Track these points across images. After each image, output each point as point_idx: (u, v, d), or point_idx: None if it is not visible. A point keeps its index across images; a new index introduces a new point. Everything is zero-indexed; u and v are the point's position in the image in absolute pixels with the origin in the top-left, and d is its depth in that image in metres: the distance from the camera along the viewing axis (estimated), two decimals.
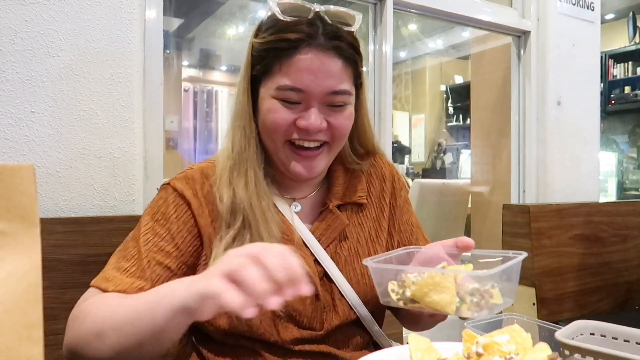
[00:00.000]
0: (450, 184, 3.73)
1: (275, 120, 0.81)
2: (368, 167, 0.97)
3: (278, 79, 0.80)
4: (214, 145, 5.58)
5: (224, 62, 5.83)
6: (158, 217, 0.83)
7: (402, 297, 0.70)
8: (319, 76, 0.79)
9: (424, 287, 0.66)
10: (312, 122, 0.80)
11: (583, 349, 0.62)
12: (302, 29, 0.79)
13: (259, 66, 0.83)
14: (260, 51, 0.82)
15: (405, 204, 0.99)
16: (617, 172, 5.10)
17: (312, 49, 0.78)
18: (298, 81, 0.79)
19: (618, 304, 1.92)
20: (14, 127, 1.12)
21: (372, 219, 0.94)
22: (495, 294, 0.66)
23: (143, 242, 0.80)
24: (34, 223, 0.47)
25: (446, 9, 1.91)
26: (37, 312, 0.45)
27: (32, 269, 0.46)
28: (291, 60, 0.79)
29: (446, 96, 6.89)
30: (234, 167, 0.83)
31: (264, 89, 0.83)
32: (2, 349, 0.43)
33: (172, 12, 4.01)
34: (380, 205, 0.96)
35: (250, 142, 0.84)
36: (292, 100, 0.80)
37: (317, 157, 0.85)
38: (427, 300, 0.66)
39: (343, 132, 0.85)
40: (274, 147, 0.85)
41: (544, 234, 1.74)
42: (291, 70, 0.79)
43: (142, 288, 0.76)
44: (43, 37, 1.14)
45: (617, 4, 5.02)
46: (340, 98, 0.82)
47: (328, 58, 0.79)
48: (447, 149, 6.27)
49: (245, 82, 0.85)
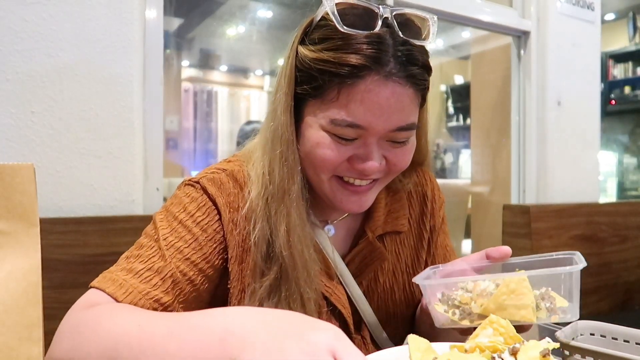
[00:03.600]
0: (450, 184, 3.73)
1: (326, 157, 0.68)
2: (409, 186, 0.87)
3: (333, 111, 0.65)
4: (214, 145, 5.58)
5: (224, 62, 5.83)
6: (184, 218, 0.70)
7: (465, 315, 0.62)
8: (386, 112, 0.65)
9: (498, 297, 0.59)
10: (371, 165, 0.67)
11: (583, 349, 0.62)
12: (369, 51, 0.63)
13: (308, 86, 0.68)
14: (312, 69, 0.67)
15: (442, 224, 0.90)
16: (617, 172, 5.10)
17: (381, 80, 0.63)
18: (360, 118, 0.65)
19: (618, 304, 1.92)
20: (14, 127, 1.12)
21: (411, 248, 0.85)
22: (557, 297, 0.61)
23: (166, 246, 0.67)
24: (34, 223, 0.47)
25: (446, 9, 1.91)
26: (37, 312, 0.45)
27: (32, 269, 0.46)
28: (353, 91, 0.64)
29: (446, 96, 6.88)
30: (272, 201, 0.70)
31: (312, 117, 0.68)
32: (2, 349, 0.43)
33: (172, 12, 4.01)
34: (420, 231, 0.86)
35: (294, 177, 0.70)
36: (348, 137, 0.67)
37: (369, 192, 0.73)
38: (503, 313, 0.58)
39: (400, 170, 0.73)
40: (318, 181, 0.72)
41: (544, 234, 1.74)
42: (352, 103, 0.64)
43: (160, 300, 0.64)
44: (43, 37, 1.14)
45: (617, 4, 5.02)
46: (405, 134, 0.69)
47: (398, 89, 0.64)
48: (447, 149, 6.27)
49: (288, 100, 0.69)
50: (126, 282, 0.63)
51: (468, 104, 2.87)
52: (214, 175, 0.74)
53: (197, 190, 0.73)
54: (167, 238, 0.68)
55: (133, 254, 0.68)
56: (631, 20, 5.00)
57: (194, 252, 0.68)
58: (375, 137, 0.67)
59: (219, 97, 5.88)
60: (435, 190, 0.90)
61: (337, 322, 0.76)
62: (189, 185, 0.74)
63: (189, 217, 0.70)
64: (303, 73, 0.68)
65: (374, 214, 0.81)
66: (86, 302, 0.63)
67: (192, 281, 0.68)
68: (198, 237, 0.69)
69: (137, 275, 0.64)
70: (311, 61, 0.67)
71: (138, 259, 0.66)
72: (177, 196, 0.73)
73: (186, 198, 0.72)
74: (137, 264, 0.66)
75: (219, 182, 0.73)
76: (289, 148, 0.70)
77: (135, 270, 0.65)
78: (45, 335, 0.46)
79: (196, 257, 0.68)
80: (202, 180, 0.73)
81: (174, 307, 0.66)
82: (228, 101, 5.94)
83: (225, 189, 0.73)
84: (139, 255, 0.67)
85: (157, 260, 0.66)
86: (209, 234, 0.70)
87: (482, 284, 0.63)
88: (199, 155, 5.33)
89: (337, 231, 0.81)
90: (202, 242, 0.69)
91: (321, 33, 0.67)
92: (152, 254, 0.67)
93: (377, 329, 0.79)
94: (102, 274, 0.67)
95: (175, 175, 4.44)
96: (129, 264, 0.66)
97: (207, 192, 0.72)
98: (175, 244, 0.68)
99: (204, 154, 5.37)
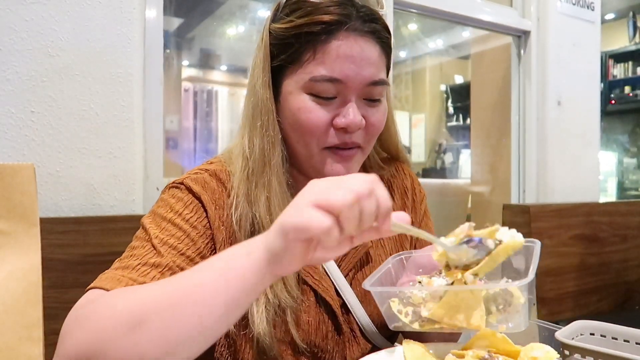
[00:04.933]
0: (450, 184, 3.73)
1: (311, 121, 0.71)
2: (389, 177, 0.90)
3: (311, 69, 0.70)
4: (214, 145, 5.58)
5: (224, 62, 5.82)
6: (172, 217, 0.70)
7: (416, 318, 0.61)
8: (360, 64, 0.69)
9: (445, 305, 0.58)
10: (352, 118, 0.70)
11: (583, 349, 0.62)
12: (337, 10, 0.69)
13: (284, 55, 0.72)
14: (286, 37, 0.71)
15: (424, 217, 0.92)
16: (617, 172, 5.10)
17: (350, 33, 0.69)
18: (337, 70, 0.69)
19: (618, 304, 1.92)
20: (14, 127, 1.12)
21: (394, 239, 0.87)
22: (514, 291, 0.59)
23: (159, 243, 0.67)
24: (34, 223, 0.47)
25: (446, 9, 1.91)
26: (37, 312, 0.45)
27: (32, 269, 0.46)
28: (327, 47, 0.69)
29: (446, 96, 6.88)
30: (252, 176, 0.72)
31: (291, 81, 0.72)
32: (2, 349, 0.43)
33: (172, 11, 4.01)
34: None
35: (275, 146, 0.73)
36: (328, 95, 0.70)
37: (354, 158, 0.75)
38: (451, 320, 0.57)
39: (377, 131, 0.76)
40: (307, 153, 0.74)
41: (544, 234, 1.74)
42: (328, 58, 0.69)
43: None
44: (43, 37, 1.14)
45: (617, 4, 5.02)
46: (379, 90, 0.73)
47: (367, 43, 0.70)
48: (447, 149, 6.27)
49: (265, 75, 0.73)
50: (124, 277, 0.62)
51: (468, 104, 2.87)
52: (197, 175, 0.76)
53: (182, 191, 0.74)
54: (158, 236, 0.67)
55: (126, 255, 0.67)
56: (631, 20, 5.00)
57: (188, 248, 0.68)
58: (352, 92, 0.71)
59: (219, 96, 5.87)
60: (415, 184, 0.93)
61: (325, 313, 0.76)
62: (174, 188, 0.75)
63: (177, 215, 0.70)
64: (278, 45, 0.73)
65: None
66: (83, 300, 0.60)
67: None
68: (190, 234, 0.69)
69: (134, 270, 0.63)
70: (285, 30, 0.72)
71: (132, 258, 0.65)
72: (163, 199, 0.74)
73: (172, 199, 0.73)
74: (132, 261, 0.65)
75: (203, 181, 0.75)
76: (269, 118, 0.73)
77: (132, 266, 0.64)
78: (45, 335, 0.46)
79: (190, 252, 0.68)
80: (185, 180, 0.74)
81: None
82: (228, 101, 5.94)
83: (209, 187, 0.74)
84: (132, 255, 0.66)
85: (153, 256, 0.65)
86: (200, 230, 0.71)
87: (435, 281, 0.62)
88: (199, 154, 5.33)
89: None
90: (194, 237, 0.70)
91: (291, 7, 0.73)
92: (146, 252, 0.66)
93: (365, 320, 0.79)
94: (99, 276, 0.65)
95: (176, 175, 4.44)
96: (123, 263, 0.65)
97: (192, 191, 0.73)
98: (168, 241, 0.67)
99: (204, 153, 5.36)
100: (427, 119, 7.02)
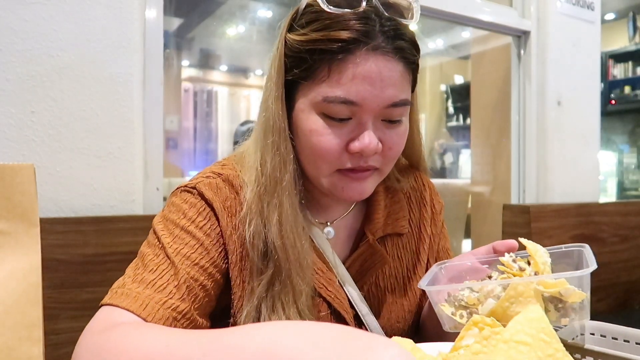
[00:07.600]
0: (450, 184, 3.73)
1: (322, 146, 0.67)
2: (408, 190, 0.86)
3: (325, 89, 0.65)
4: (214, 145, 5.58)
5: (224, 62, 5.83)
6: (185, 225, 0.68)
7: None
8: (378, 86, 0.65)
9: (504, 302, 0.58)
10: (367, 144, 0.66)
11: (583, 348, 0.62)
12: (357, 26, 0.64)
13: (298, 70, 0.67)
14: (300, 51, 0.67)
15: (442, 228, 0.89)
16: (617, 172, 5.10)
17: (370, 52, 0.64)
18: (353, 92, 0.64)
19: (618, 304, 1.92)
20: (14, 127, 1.12)
21: (412, 251, 0.84)
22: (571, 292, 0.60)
23: (172, 253, 0.65)
24: (34, 223, 0.47)
25: (446, 9, 1.91)
26: (37, 312, 0.45)
27: (32, 269, 0.46)
28: (344, 66, 0.64)
29: (446, 96, 6.88)
30: (264, 195, 0.69)
31: (304, 99, 0.68)
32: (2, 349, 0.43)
33: (172, 11, 4.01)
34: (420, 235, 0.85)
35: (287, 166, 0.69)
36: (342, 117, 0.66)
37: (369, 179, 0.71)
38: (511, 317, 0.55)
39: (396, 154, 0.72)
40: (317, 174, 0.71)
41: (544, 234, 1.74)
42: (344, 79, 0.64)
43: (177, 308, 0.62)
44: (43, 38, 1.14)
45: (617, 4, 5.02)
46: (400, 110, 0.68)
47: (388, 63, 0.65)
48: (447, 149, 6.27)
49: (278, 89, 0.69)
50: (140, 294, 0.60)
51: (468, 104, 2.86)
52: (210, 180, 0.73)
53: (195, 196, 0.71)
54: (172, 246, 0.66)
55: (139, 265, 0.65)
56: (631, 20, 5.00)
57: (202, 257, 0.67)
58: (369, 114, 0.66)
59: (219, 97, 5.88)
60: (434, 195, 0.90)
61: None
62: (186, 192, 0.72)
63: (190, 222, 0.69)
64: (292, 58, 0.68)
65: (374, 215, 0.80)
66: (101, 322, 0.58)
67: (204, 286, 0.66)
68: (203, 242, 0.68)
69: (150, 285, 0.62)
70: (300, 44, 0.67)
71: (146, 270, 0.64)
72: (175, 203, 0.71)
73: (185, 204, 0.71)
74: (147, 274, 0.63)
75: (216, 187, 0.72)
76: (281, 136, 0.69)
77: (147, 281, 0.62)
78: (45, 335, 0.46)
79: (204, 262, 0.67)
80: (198, 185, 0.72)
81: (191, 313, 0.64)
82: (228, 101, 5.94)
83: (222, 194, 0.72)
84: (146, 266, 0.64)
85: (167, 268, 0.64)
86: (213, 238, 0.69)
87: (488, 286, 0.63)
88: (199, 155, 5.33)
89: (337, 234, 0.79)
90: (208, 246, 0.68)
91: (308, 17, 0.68)
92: (160, 262, 0.64)
93: (378, 332, 0.77)
94: (111, 289, 0.63)
95: (175, 175, 4.44)
96: (138, 276, 0.63)
97: (204, 197, 0.71)
98: (182, 251, 0.66)
99: (204, 153, 5.37)
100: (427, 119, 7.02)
